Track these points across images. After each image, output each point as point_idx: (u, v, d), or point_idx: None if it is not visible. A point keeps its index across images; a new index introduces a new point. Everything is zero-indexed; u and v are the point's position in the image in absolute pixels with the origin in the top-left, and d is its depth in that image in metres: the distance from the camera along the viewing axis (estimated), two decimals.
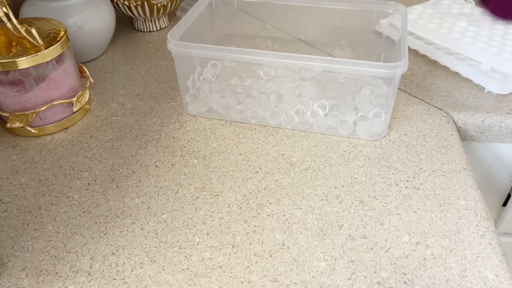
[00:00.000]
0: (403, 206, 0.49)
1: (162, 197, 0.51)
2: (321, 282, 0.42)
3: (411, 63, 0.72)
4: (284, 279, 0.42)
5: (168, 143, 0.58)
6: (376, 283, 0.42)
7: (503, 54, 0.65)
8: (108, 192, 0.52)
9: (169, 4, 0.80)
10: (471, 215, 0.48)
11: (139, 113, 0.64)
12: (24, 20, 0.61)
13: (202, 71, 0.64)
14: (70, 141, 0.59)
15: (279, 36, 0.79)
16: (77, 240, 0.46)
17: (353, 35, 0.77)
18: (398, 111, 0.62)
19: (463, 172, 0.53)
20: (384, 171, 0.53)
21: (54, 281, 0.42)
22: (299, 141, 0.58)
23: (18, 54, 0.54)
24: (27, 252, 0.45)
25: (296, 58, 0.53)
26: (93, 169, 0.55)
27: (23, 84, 0.56)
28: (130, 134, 0.60)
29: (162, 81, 0.70)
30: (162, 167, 0.55)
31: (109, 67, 0.74)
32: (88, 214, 0.49)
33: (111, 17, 0.75)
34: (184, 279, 0.42)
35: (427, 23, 0.74)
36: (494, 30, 0.71)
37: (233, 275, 0.43)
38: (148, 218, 0.48)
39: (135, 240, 0.46)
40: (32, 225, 0.48)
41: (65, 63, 0.59)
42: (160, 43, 0.81)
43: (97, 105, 0.66)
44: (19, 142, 0.59)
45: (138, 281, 0.42)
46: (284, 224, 0.47)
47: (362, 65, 0.51)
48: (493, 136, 0.63)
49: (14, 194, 0.52)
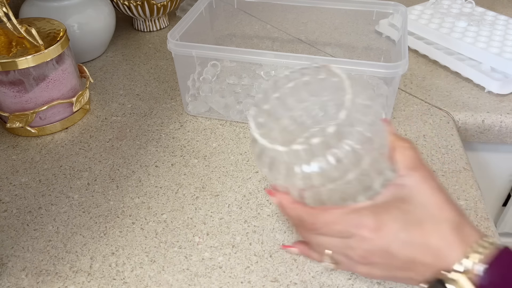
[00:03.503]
0: None
1: (162, 197, 0.51)
2: (321, 282, 0.42)
3: (411, 63, 0.72)
4: (284, 279, 0.42)
5: (168, 143, 0.58)
6: (376, 283, 0.42)
7: (503, 54, 0.65)
8: (108, 192, 0.52)
9: (169, 4, 0.80)
10: (471, 215, 0.48)
11: (139, 113, 0.64)
12: (24, 20, 0.61)
13: (202, 71, 0.64)
14: (70, 141, 0.59)
15: (279, 36, 0.79)
16: (77, 240, 0.46)
17: (353, 35, 0.77)
18: (398, 111, 0.62)
19: (463, 172, 0.53)
20: None
21: (54, 281, 0.42)
22: None
23: (18, 54, 0.54)
24: (27, 252, 0.45)
25: (296, 58, 0.53)
26: (93, 169, 0.55)
27: (23, 84, 0.56)
28: (130, 134, 0.60)
29: (162, 81, 0.70)
30: (162, 167, 0.55)
31: (109, 67, 0.74)
32: (88, 214, 0.49)
33: (111, 17, 0.75)
34: (184, 279, 0.42)
35: (427, 23, 0.74)
36: (495, 30, 0.71)
37: (233, 275, 0.43)
38: (148, 218, 0.48)
39: (135, 240, 0.46)
40: (32, 225, 0.48)
41: (65, 63, 0.59)
42: (160, 43, 0.81)
43: (97, 105, 0.66)
44: (19, 142, 0.59)
45: (138, 281, 0.42)
46: (284, 224, 0.47)
47: (362, 65, 0.51)
48: (493, 136, 0.63)
49: (14, 194, 0.52)
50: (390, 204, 0.34)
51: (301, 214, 0.36)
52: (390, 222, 0.33)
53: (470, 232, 0.33)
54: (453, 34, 0.70)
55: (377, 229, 0.33)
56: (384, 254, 0.33)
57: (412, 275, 0.34)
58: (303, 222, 0.36)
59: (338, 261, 0.37)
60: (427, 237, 0.32)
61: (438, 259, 0.32)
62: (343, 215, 0.34)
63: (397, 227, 0.33)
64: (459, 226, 0.33)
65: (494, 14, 0.76)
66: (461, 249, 0.32)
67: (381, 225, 0.33)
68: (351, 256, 0.35)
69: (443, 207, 0.33)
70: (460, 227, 0.33)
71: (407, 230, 0.33)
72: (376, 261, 0.34)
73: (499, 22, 0.74)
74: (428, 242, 0.32)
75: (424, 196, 0.34)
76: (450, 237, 0.32)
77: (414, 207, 0.33)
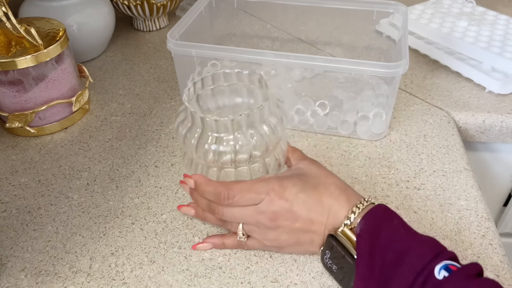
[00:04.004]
0: (404, 206, 0.49)
1: (162, 197, 0.51)
2: (321, 283, 0.42)
3: (411, 63, 0.72)
4: (284, 280, 0.42)
5: (168, 143, 0.58)
6: None
7: (504, 54, 0.65)
8: (108, 192, 0.51)
9: (168, 3, 0.80)
10: (472, 215, 0.48)
11: (139, 113, 0.64)
12: (24, 19, 0.61)
13: (202, 70, 0.64)
14: (70, 141, 0.59)
15: (279, 36, 0.79)
16: (76, 241, 0.46)
17: (353, 34, 0.77)
18: (399, 111, 0.62)
19: (464, 172, 0.53)
20: (384, 171, 0.53)
21: (54, 282, 0.42)
22: (299, 141, 0.58)
23: (18, 54, 0.54)
24: (27, 253, 0.45)
25: (296, 58, 0.53)
26: (92, 169, 0.55)
27: (22, 84, 0.55)
28: (130, 134, 0.60)
29: (162, 80, 0.70)
30: (162, 167, 0.55)
31: (108, 67, 0.74)
32: (87, 214, 0.49)
33: (111, 16, 0.74)
34: (183, 280, 0.42)
35: (428, 22, 0.74)
36: (495, 29, 0.71)
37: (233, 276, 0.42)
38: (147, 218, 0.48)
39: (135, 240, 0.46)
40: (31, 225, 0.48)
41: (65, 62, 0.58)
42: (160, 43, 0.81)
43: (97, 105, 0.66)
44: (18, 142, 0.59)
45: (138, 282, 0.42)
46: None
47: (363, 64, 0.51)
48: (494, 136, 0.62)
49: (13, 194, 0.52)
50: (291, 175, 0.42)
51: (217, 186, 0.41)
52: (291, 186, 0.40)
53: (354, 195, 0.41)
54: (453, 33, 0.70)
55: (282, 192, 0.40)
56: (288, 214, 0.40)
57: (313, 237, 0.40)
58: (219, 195, 0.41)
59: (251, 231, 0.42)
60: (321, 197, 0.40)
61: (330, 216, 0.40)
62: (254, 183, 0.40)
63: (297, 190, 0.40)
64: (345, 190, 0.41)
65: (494, 13, 0.76)
66: (347, 208, 0.39)
67: (285, 188, 0.40)
68: (261, 222, 0.40)
69: (330, 176, 0.42)
70: (346, 190, 0.41)
71: (305, 192, 0.40)
72: (283, 223, 0.40)
73: (500, 22, 0.74)
74: (322, 200, 0.40)
75: (314, 170, 0.43)
76: (339, 196, 0.40)
77: (309, 177, 0.42)
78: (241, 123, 0.40)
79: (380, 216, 0.38)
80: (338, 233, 0.39)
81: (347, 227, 0.39)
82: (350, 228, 0.39)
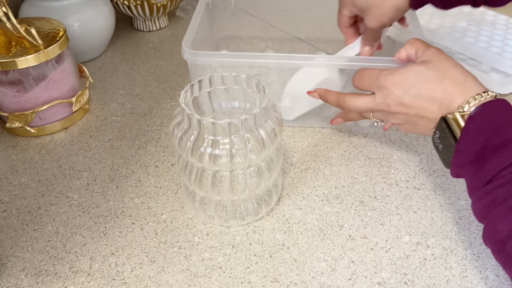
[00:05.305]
0: (404, 206, 0.49)
1: (162, 197, 0.51)
2: (321, 283, 0.42)
3: None
4: (284, 280, 0.42)
5: (168, 143, 0.58)
6: (377, 284, 0.41)
7: (504, 54, 0.65)
8: (108, 192, 0.51)
9: (168, 3, 0.80)
10: (472, 215, 0.47)
11: (139, 113, 0.64)
12: (24, 19, 0.61)
13: None
14: (70, 141, 0.59)
15: (279, 36, 0.79)
16: (76, 240, 0.46)
17: None
18: None
19: None
20: (384, 171, 0.53)
21: (54, 282, 0.42)
22: (299, 141, 0.58)
23: (18, 54, 0.54)
24: (27, 252, 0.45)
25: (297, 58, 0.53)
26: (92, 169, 0.55)
27: (22, 84, 0.55)
28: (130, 134, 0.60)
29: (162, 81, 0.70)
30: (162, 167, 0.55)
31: (108, 67, 0.74)
32: (87, 214, 0.49)
33: (111, 16, 0.74)
34: (184, 280, 0.42)
35: (428, 23, 0.74)
36: (495, 30, 0.71)
37: (233, 276, 0.42)
38: (147, 218, 0.48)
39: (135, 240, 0.46)
40: (31, 225, 0.48)
41: (65, 62, 0.58)
42: (160, 43, 0.81)
43: (97, 105, 0.66)
44: (18, 142, 0.59)
45: (138, 282, 0.42)
46: (284, 224, 0.47)
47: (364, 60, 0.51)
48: None
49: (13, 194, 0.52)
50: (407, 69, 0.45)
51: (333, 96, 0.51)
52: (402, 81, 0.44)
53: (473, 87, 0.41)
54: (453, 33, 0.70)
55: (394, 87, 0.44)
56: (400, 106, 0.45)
57: (425, 123, 0.44)
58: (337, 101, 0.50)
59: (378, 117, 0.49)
60: (432, 92, 0.43)
61: (442, 107, 0.42)
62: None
63: (408, 85, 0.44)
64: (463, 83, 0.42)
65: (494, 13, 0.76)
66: (462, 99, 0.41)
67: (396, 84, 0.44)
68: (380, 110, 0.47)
69: (449, 68, 0.43)
70: (463, 84, 0.42)
71: (416, 87, 0.43)
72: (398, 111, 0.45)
73: (499, 22, 0.74)
74: (433, 95, 0.43)
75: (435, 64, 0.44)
76: (452, 90, 0.42)
77: (427, 69, 0.44)
78: (238, 127, 0.40)
79: (498, 107, 0.39)
80: (449, 117, 0.41)
81: (459, 113, 0.40)
82: (462, 115, 0.40)
